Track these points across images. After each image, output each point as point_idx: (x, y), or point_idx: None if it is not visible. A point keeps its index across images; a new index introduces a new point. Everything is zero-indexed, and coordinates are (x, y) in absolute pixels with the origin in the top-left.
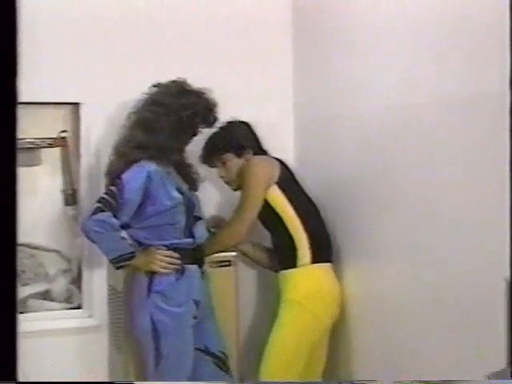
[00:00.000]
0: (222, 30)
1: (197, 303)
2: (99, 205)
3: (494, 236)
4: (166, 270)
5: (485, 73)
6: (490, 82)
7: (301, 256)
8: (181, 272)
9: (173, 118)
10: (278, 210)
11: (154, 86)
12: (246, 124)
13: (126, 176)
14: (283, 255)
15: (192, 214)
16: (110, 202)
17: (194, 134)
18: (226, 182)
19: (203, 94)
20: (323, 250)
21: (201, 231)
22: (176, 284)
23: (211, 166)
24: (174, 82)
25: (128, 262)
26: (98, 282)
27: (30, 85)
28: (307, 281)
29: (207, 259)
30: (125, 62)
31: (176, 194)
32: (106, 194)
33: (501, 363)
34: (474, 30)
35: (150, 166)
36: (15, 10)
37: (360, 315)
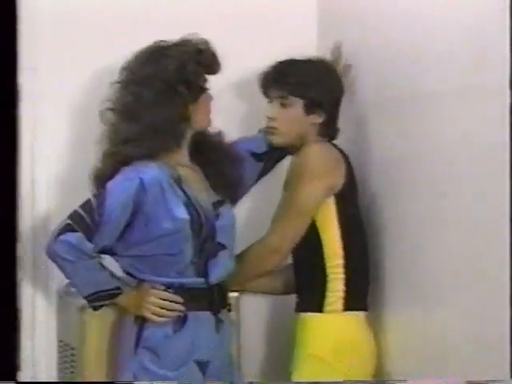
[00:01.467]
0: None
1: (203, 366)
2: (69, 221)
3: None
4: (161, 319)
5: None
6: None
7: (332, 299)
8: (181, 322)
9: (157, 87)
10: (322, 232)
11: (123, 68)
12: (335, 80)
13: (110, 184)
14: (309, 293)
15: (207, 241)
16: (84, 219)
17: (196, 98)
18: (270, 130)
19: (186, 41)
20: (361, 295)
21: (222, 267)
22: (172, 338)
23: (265, 95)
24: (142, 49)
25: (110, 301)
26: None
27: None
28: (337, 332)
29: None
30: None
31: (181, 213)
32: (80, 207)
33: None
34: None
35: (146, 171)
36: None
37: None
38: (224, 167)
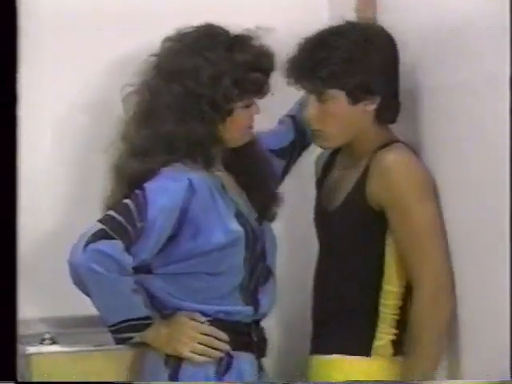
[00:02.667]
0: None
1: None
2: (103, 227)
3: None
4: (203, 358)
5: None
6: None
7: (383, 341)
8: (226, 364)
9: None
10: (388, 255)
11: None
12: (390, 49)
13: (151, 185)
14: (347, 331)
15: (260, 262)
16: (123, 225)
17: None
18: (314, 133)
19: (246, 39)
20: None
21: (271, 295)
22: None
23: (296, 88)
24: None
25: (137, 335)
26: None
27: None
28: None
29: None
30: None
31: (234, 225)
32: (115, 210)
33: None
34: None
35: (193, 172)
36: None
37: None
38: (262, 179)
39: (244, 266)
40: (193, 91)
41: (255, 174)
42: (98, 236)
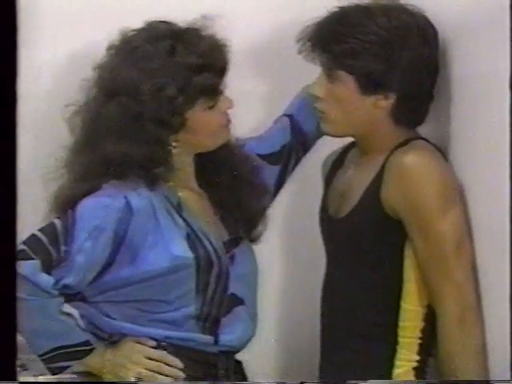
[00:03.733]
0: None
1: None
2: (24, 247)
3: None
4: None
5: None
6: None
7: (404, 368)
8: None
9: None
10: (407, 269)
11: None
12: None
13: (84, 202)
14: (368, 356)
15: (220, 291)
16: (45, 246)
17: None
18: (318, 114)
19: (194, 32)
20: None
21: (237, 327)
22: None
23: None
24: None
25: (75, 363)
26: None
27: None
28: None
29: None
30: None
31: (181, 250)
32: (41, 230)
33: None
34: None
35: (134, 190)
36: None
37: None
38: (241, 193)
39: (197, 295)
40: (132, 110)
41: (234, 190)
42: (19, 257)
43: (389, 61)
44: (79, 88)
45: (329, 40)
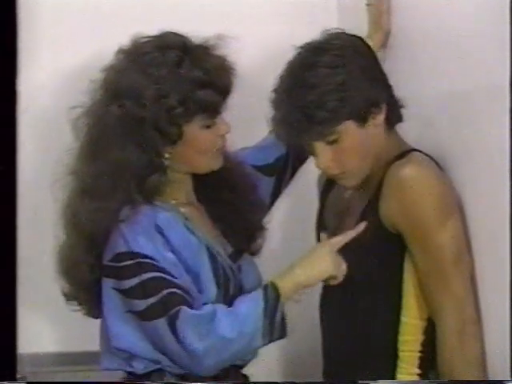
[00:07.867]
0: None
1: None
2: (172, 290)
3: None
4: None
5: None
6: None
7: (407, 368)
8: None
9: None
10: (406, 282)
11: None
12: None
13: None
14: (368, 373)
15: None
16: (175, 283)
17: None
18: (336, 177)
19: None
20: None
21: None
22: None
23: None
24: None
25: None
26: None
27: None
28: None
29: None
30: None
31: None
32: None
33: None
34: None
35: (158, 211)
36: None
37: None
38: (239, 208)
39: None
40: (134, 114)
41: (231, 203)
42: (175, 302)
43: (368, 88)
44: (85, 90)
45: (308, 116)
